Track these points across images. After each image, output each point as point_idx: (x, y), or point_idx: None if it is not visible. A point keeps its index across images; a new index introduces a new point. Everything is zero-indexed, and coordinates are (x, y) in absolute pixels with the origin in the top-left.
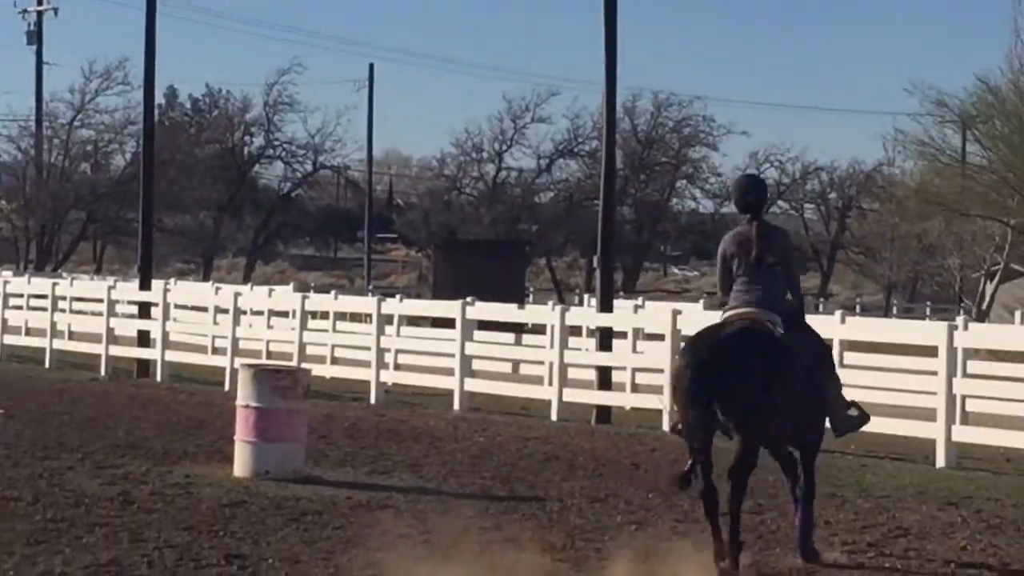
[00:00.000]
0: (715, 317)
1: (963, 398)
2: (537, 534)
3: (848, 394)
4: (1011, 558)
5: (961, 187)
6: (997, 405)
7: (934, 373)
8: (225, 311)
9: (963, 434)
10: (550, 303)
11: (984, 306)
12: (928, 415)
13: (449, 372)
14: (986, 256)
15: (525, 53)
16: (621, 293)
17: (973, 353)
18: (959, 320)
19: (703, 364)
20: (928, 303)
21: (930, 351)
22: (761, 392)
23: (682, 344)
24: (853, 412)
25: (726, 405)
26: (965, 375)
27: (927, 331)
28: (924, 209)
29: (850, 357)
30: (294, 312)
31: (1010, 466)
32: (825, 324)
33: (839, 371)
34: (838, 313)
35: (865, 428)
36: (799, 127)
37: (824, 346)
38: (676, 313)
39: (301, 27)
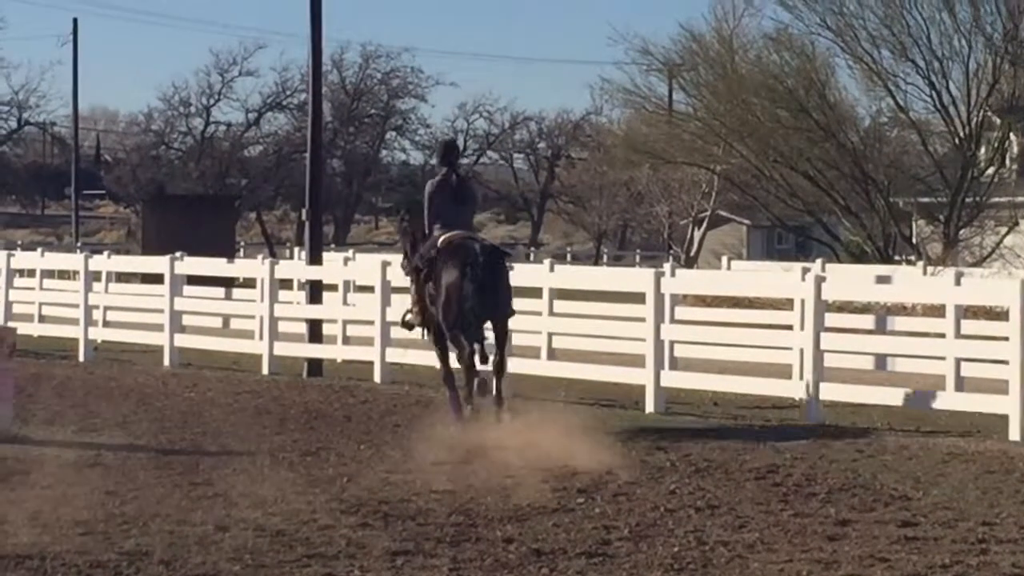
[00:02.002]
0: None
1: (671, 344)
2: (248, 488)
3: (558, 342)
4: (719, 500)
5: (668, 135)
6: (704, 350)
7: (642, 320)
8: None
9: (671, 379)
10: (260, 257)
11: (692, 252)
12: (637, 361)
13: (159, 328)
14: (693, 203)
15: (231, 6)
16: (332, 246)
17: (680, 299)
18: (667, 267)
19: (480, 279)
20: (638, 250)
21: (639, 298)
22: (509, 295)
23: (438, 254)
24: None
25: (498, 311)
26: (673, 321)
27: (635, 278)
28: (632, 157)
29: (560, 305)
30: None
31: (718, 410)
32: (535, 273)
33: (550, 319)
34: (547, 262)
35: (576, 375)
36: (507, 77)
37: None
38: (386, 265)
39: None
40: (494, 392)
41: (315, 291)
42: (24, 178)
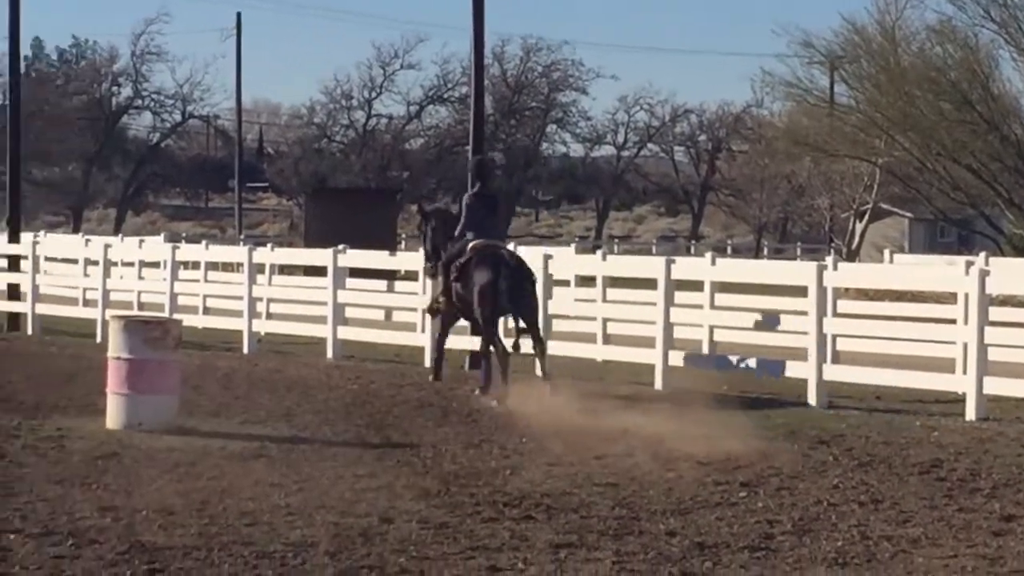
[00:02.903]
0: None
1: (834, 337)
2: (412, 480)
3: (719, 335)
4: (882, 495)
5: (829, 127)
6: (867, 344)
7: (804, 313)
8: (95, 263)
9: (834, 373)
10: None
11: (854, 246)
12: (800, 355)
13: (322, 320)
14: (855, 196)
15: None
16: None
17: (843, 292)
18: (829, 260)
19: (507, 280)
20: (799, 243)
21: (800, 291)
22: (535, 292)
23: (471, 260)
24: None
25: (527, 306)
26: (836, 314)
27: (797, 271)
28: (793, 150)
29: (721, 299)
30: (165, 262)
31: (880, 404)
32: (696, 266)
33: (711, 312)
34: (708, 255)
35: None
36: (668, 70)
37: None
38: (547, 257)
39: None
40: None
41: None
42: (188, 171)
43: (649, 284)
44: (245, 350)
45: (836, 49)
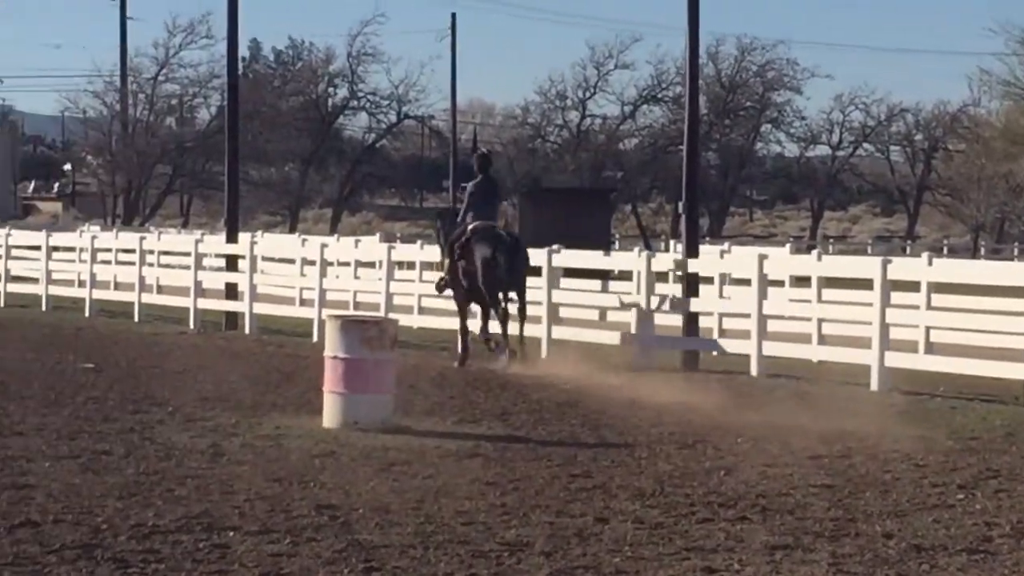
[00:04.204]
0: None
1: None
2: (626, 480)
3: (936, 336)
4: None
5: None
6: None
7: (1022, 314)
8: (312, 263)
9: None
10: (636, 249)
11: None
12: (1017, 356)
13: (536, 320)
14: None
15: None
16: (707, 238)
17: None
18: None
19: (506, 254)
20: (1016, 244)
21: (1020, 292)
22: (527, 270)
23: (472, 239)
24: None
25: (519, 282)
26: None
27: (1015, 272)
28: (1011, 149)
29: (938, 299)
30: (380, 262)
31: None
32: (912, 267)
33: (928, 312)
34: (925, 255)
35: (952, 370)
36: (884, 69)
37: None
38: (762, 258)
39: None
40: (506, 343)
41: (692, 284)
42: (403, 171)
43: (864, 284)
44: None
45: None
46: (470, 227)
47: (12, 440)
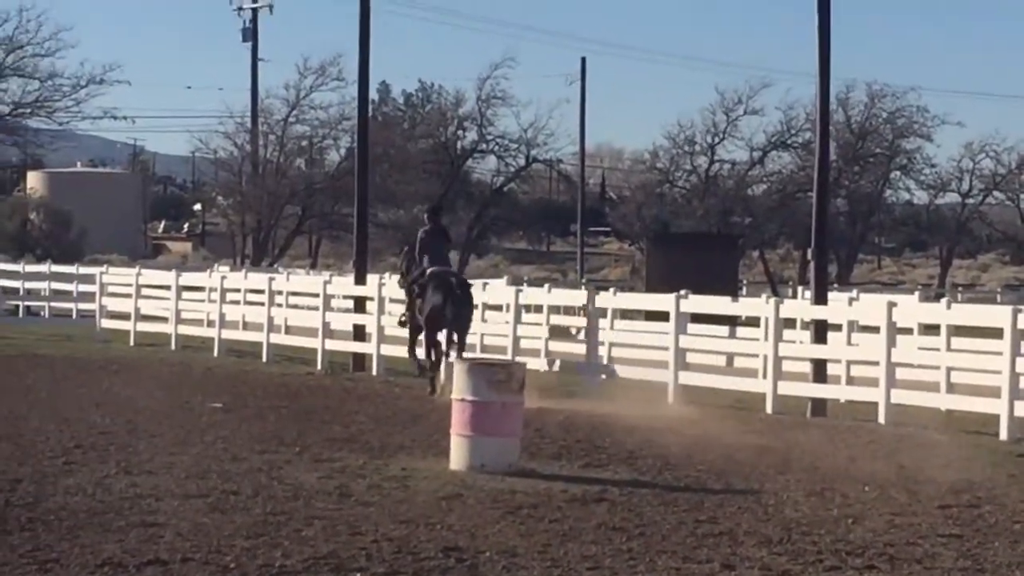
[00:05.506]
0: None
1: None
2: (753, 527)
3: None
4: None
5: None
6: None
7: None
8: None
9: None
10: (764, 295)
11: None
12: None
13: (663, 365)
14: None
15: (738, 45)
16: (835, 285)
17: None
18: None
19: (454, 302)
20: None
21: None
22: (471, 315)
23: (428, 283)
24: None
25: (461, 327)
26: None
27: None
28: None
29: None
30: (508, 306)
31: None
32: None
33: None
34: None
35: None
36: (1015, 116)
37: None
38: (891, 305)
39: (513, 21)
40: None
41: (820, 330)
42: (531, 215)
43: (994, 333)
44: (586, 394)
45: None
46: (428, 271)
47: (141, 478)
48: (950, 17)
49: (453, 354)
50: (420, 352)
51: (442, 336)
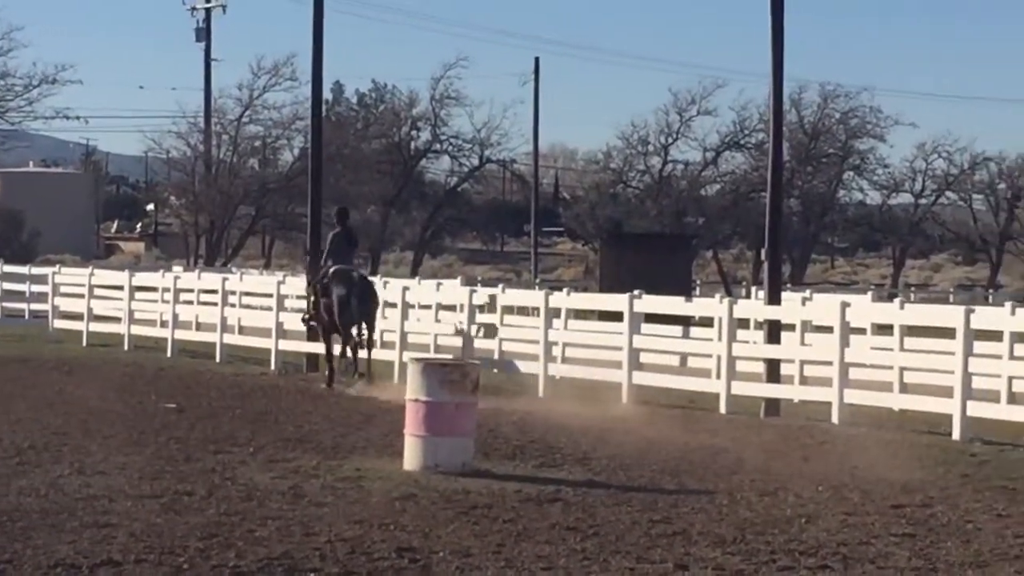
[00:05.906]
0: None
1: None
2: (707, 527)
3: (1018, 386)
4: None
5: None
6: None
7: None
8: (393, 305)
9: None
10: (717, 295)
11: None
12: None
13: (617, 365)
14: None
15: (691, 45)
16: (788, 285)
17: None
18: None
19: (358, 294)
20: None
21: None
22: (376, 307)
23: (331, 280)
24: None
25: (369, 317)
26: None
27: None
28: None
29: (1021, 349)
30: (462, 306)
31: None
32: (995, 316)
33: (1011, 362)
34: (1008, 304)
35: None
36: (967, 117)
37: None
38: (845, 305)
39: (467, 21)
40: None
41: (774, 330)
42: (485, 215)
43: (947, 333)
44: (540, 394)
45: None
46: (331, 270)
47: (95, 479)
48: (904, 18)
49: (363, 352)
50: (336, 349)
51: (355, 331)
